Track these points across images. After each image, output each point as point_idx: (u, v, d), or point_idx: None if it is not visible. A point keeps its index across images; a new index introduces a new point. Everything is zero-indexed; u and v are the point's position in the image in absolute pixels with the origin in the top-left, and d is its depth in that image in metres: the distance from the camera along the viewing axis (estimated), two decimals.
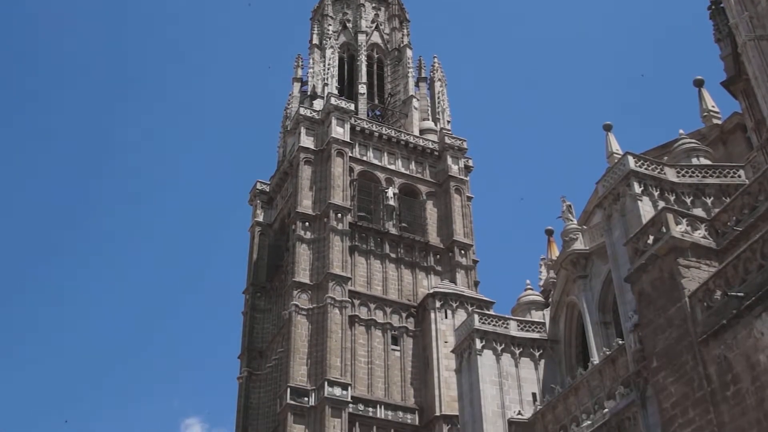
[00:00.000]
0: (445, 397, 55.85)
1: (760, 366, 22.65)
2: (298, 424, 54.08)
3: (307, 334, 57.64)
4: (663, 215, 28.64)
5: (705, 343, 24.61)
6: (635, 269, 28.81)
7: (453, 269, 63.91)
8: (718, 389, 23.81)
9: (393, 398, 57.70)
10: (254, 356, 65.37)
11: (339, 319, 57.75)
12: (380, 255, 63.47)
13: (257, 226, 71.79)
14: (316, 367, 56.10)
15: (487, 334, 46.66)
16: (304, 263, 60.65)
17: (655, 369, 26.78)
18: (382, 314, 60.71)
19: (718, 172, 38.08)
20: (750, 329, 23.16)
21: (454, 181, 68.53)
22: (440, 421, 55.21)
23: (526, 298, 52.49)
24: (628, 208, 36.48)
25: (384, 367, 58.74)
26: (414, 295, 62.52)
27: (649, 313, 27.54)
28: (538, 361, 47.13)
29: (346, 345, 57.20)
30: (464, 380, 46.71)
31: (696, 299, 25.64)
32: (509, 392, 45.33)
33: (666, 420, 25.64)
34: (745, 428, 22.55)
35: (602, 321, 44.20)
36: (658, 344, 26.65)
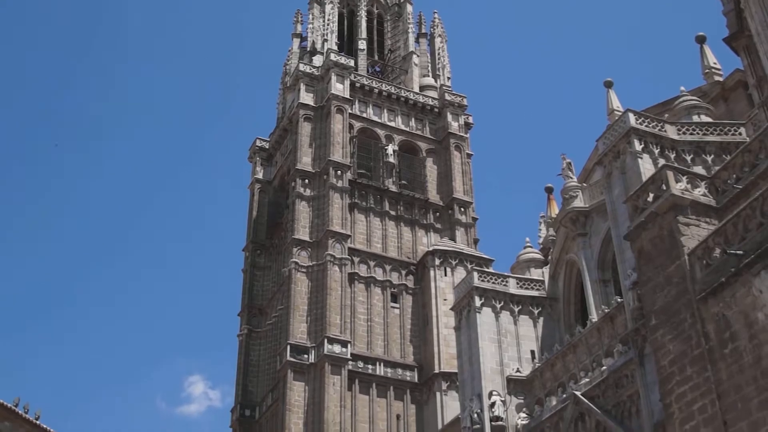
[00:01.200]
0: (444, 354, 56.09)
1: (758, 324, 22.63)
2: (298, 381, 54.38)
3: (306, 292, 57.75)
4: (663, 173, 28.47)
5: (703, 301, 24.58)
6: (635, 227, 28.71)
7: (452, 227, 63.89)
8: (716, 347, 23.82)
9: (392, 355, 57.95)
10: (254, 314, 65.60)
11: (338, 277, 57.82)
12: (380, 212, 63.41)
13: (257, 184, 71.68)
14: (316, 324, 56.29)
15: (487, 292, 46.73)
16: (303, 220, 60.61)
17: (653, 327, 26.77)
18: (381, 272, 60.79)
19: (718, 129, 37.88)
20: (749, 287, 23.11)
21: (454, 138, 68.27)
22: (439, 378, 55.51)
23: (525, 256, 52.51)
24: (628, 166, 36.34)
25: (383, 324, 58.94)
26: (413, 253, 62.55)
27: (648, 271, 27.49)
28: (537, 319, 47.26)
29: (346, 302, 57.35)
30: (463, 338, 46.87)
31: (695, 257, 25.57)
32: (508, 350, 45.51)
33: (664, 377, 25.70)
34: (743, 386, 22.58)
35: (601, 279, 44.27)
36: (657, 302, 26.62)
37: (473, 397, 44.27)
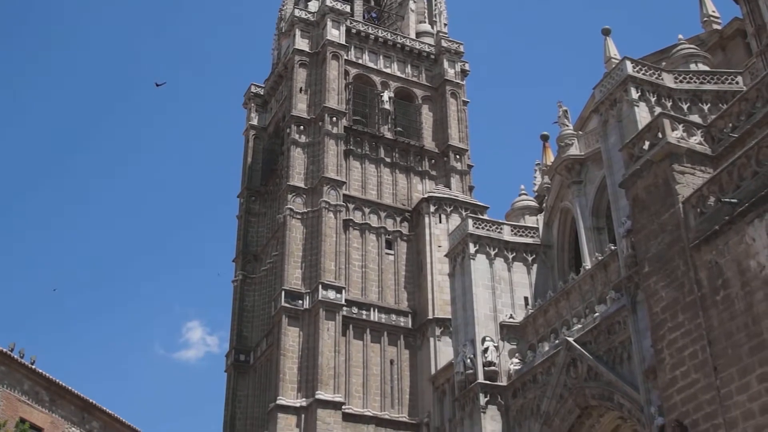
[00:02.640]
0: (438, 300, 56.42)
1: (751, 272, 22.83)
2: (293, 327, 54.71)
3: (301, 238, 57.87)
4: (659, 121, 28.49)
5: (697, 248, 24.75)
6: (630, 175, 28.80)
7: (448, 174, 63.87)
8: (708, 294, 24.04)
9: (386, 301, 58.28)
10: (249, 260, 65.78)
11: (333, 223, 57.91)
12: (375, 159, 63.32)
13: (252, 130, 71.40)
14: (311, 270, 56.49)
15: (481, 239, 46.98)
16: (298, 167, 60.52)
17: (646, 274, 26.98)
18: (376, 218, 60.89)
19: (715, 78, 37.84)
20: (742, 235, 23.27)
21: (450, 85, 67.93)
22: (433, 324, 55.89)
23: (520, 204, 52.71)
24: (624, 114, 36.34)
25: (378, 270, 59.18)
26: (408, 200, 62.61)
27: (643, 219, 27.63)
28: (531, 266, 47.58)
29: (341, 249, 57.50)
30: (457, 284, 47.20)
31: (689, 205, 25.70)
32: (501, 296, 45.88)
33: (656, 324, 25.97)
34: (733, 332, 22.85)
35: (595, 226, 44.50)
36: (651, 249, 26.80)
37: (466, 343, 44.72)
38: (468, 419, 43.24)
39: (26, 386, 36.73)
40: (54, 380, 38.22)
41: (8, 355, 35.98)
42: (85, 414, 40.05)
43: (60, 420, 38.19)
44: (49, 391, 37.94)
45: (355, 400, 54.09)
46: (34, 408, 36.84)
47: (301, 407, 52.08)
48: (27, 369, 36.75)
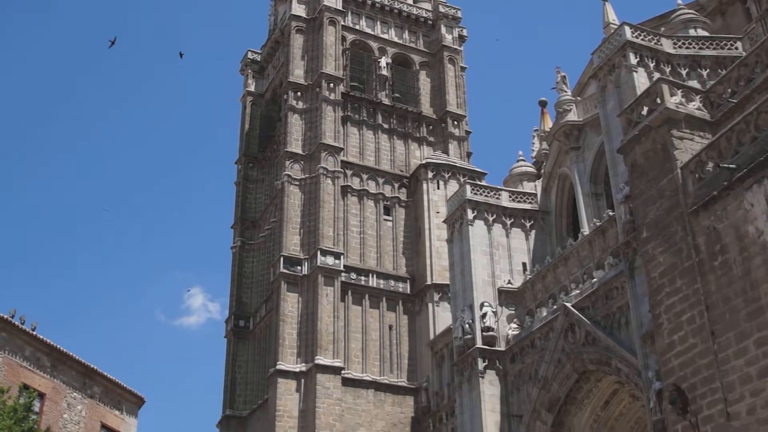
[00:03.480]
0: (436, 266, 56.65)
1: (749, 237, 22.95)
2: (292, 293, 54.96)
3: (299, 204, 57.95)
4: (658, 86, 28.47)
5: (695, 214, 24.85)
6: (628, 140, 28.83)
7: (446, 140, 63.84)
8: (706, 259, 24.17)
9: (385, 267, 58.51)
10: (247, 226, 65.88)
11: (331, 189, 57.98)
12: (373, 125, 63.26)
13: (249, 96, 71.20)
14: (309, 236, 56.64)
15: (479, 205, 47.06)
16: (296, 133, 60.47)
17: (644, 239, 27.10)
18: (374, 185, 60.94)
19: (715, 43, 37.73)
20: (740, 201, 23.36)
21: (448, 50, 67.68)
22: (431, 289, 56.17)
23: (518, 170, 52.72)
24: (623, 79, 36.29)
25: (376, 236, 59.34)
26: (406, 166, 62.63)
27: (641, 184, 27.70)
28: (529, 232, 47.70)
29: (339, 215, 57.61)
30: (455, 250, 47.33)
31: (688, 171, 25.76)
32: (500, 262, 46.03)
33: (653, 289, 26.12)
34: (731, 297, 23.00)
35: (593, 192, 44.57)
36: (649, 215, 26.89)
37: (465, 308, 44.94)
38: (466, 384, 43.57)
39: (27, 352, 36.90)
40: (55, 346, 38.41)
41: (9, 321, 36.12)
42: (86, 379, 40.29)
43: (61, 385, 38.44)
44: (50, 357, 38.14)
45: (355, 365, 54.49)
46: (36, 374, 37.05)
47: (300, 372, 52.48)
48: (28, 335, 36.91)
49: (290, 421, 51.34)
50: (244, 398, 59.90)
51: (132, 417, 43.55)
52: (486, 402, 42.18)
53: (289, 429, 51.17)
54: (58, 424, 36.51)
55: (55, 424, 36.15)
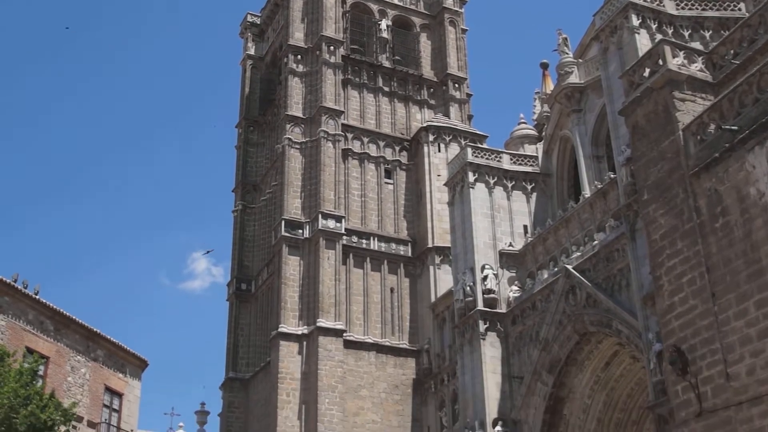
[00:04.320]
0: (437, 229, 56.72)
1: (750, 199, 22.95)
2: (293, 256, 55.10)
3: (300, 168, 57.91)
4: (660, 47, 28.32)
5: (696, 176, 24.83)
6: (630, 102, 28.74)
7: (446, 103, 63.61)
8: (707, 221, 24.20)
9: (386, 230, 58.59)
10: (248, 190, 65.88)
11: (332, 153, 57.90)
12: (373, 88, 63.01)
13: (248, 60, 70.82)
14: (310, 200, 56.66)
15: (480, 168, 47.07)
16: (296, 97, 60.26)
17: (645, 201, 27.11)
18: (375, 148, 60.84)
19: (718, 4, 37.51)
20: (742, 163, 23.33)
21: (449, 12, 67.19)
22: (432, 252, 56.29)
23: (519, 132, 52.67)
24: (625, 41, 36.13)
25: (377, 200, 59.36)
26: (407, 129, 62.49)
27: (642, 147, 27.66)
28: (530, 195, 47.75)
29: (340, 178, 57.58)
30: (457, 213, 47.41)
31: (689, 132, 25.71)
32: (501, 224, 46.12)
33: (654, 251, 26.18)
34: (732, 259, 23.07)
35: (595, 155, 44.55)
36: (650, 177, 26.88)
37: (466, 271, 45.11)
38: (468, 346, 43.85)
39: (31, 316, 37.08)
40: (58, 310, 38.60)
41: (12, 285, 36.24)
42: (89, 343, 40.54)
43: (65, 349, 38.68)
44: (53, 321, 38.34)
45: (356, 327, 54.76)
46: (40, 337, 37.26)
47: (302, 335, 52.77)
48: (31, 299, 37.07)
49: (292, 383, 51.72)
50: (246, 361, 60.29)
51: (135, 380, 43.90)
52: (487, 363, 42.50)
53: (291, 391, 51.56)
54: (62, 387, 36.79)
55: (59, 387, 36.42)
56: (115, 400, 42.00)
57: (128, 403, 42.91)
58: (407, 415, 53.46)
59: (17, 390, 28.41)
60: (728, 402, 22.34)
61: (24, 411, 28.06)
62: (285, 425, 50.71)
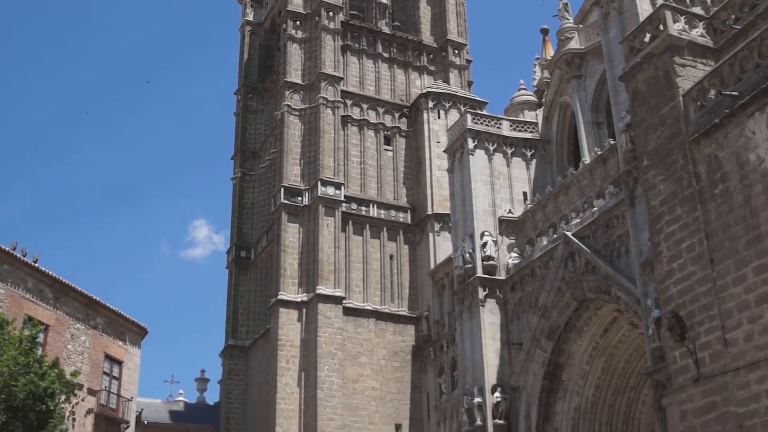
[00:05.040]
0: (437, 196, 56.63)
1: (749, 165, 22.84)
2: (292, 223, 55.05)
3: (299, 135, 57.70)
4: (661, 12, 28.06)
5: (696, 142, 24.71)
6: (630, 67, 28.54)
7: (446, 69, 63.25)
8: (706, 187, 24.11)
9: (385, 197, 58.49)
10: (247, 157, 65.71)
11: (331, 120, 57.66)
12: (373, 54, 62.62)
13: (247, 26, 70.31)
14: (309, 167, 56.52)
15: (480, 134, 46.88)
16: (295, 63, 59.90)
17: (645, 167, 27.00)
18: (374, 114, 60.58)
19: None
20: (742, 128, 23.20)
21: None
22: (432, 219, 56.23)
23: (519, 98, 52.41)
24: (625, 6, 35.84)
25: (377, 167, 59.20)
26: (407, 95, 62.19)
27: (642, 112, 27.50)
28: (530, 161, 47.60)
29: (339, 145, 57.39)
30: (456, 179, 47.29)
31: (690, 98, 25.54)
32: (500, 191, 46.03)
33: (653, 217, 26.11)
34: (731, 225, 22.99)
35: (595, 121, 44.37)
36: (650, 143, 26.75)
37: (465, 238, 45.08)
38: (467, 312, 43.92)
39: (30, 284, 37.04)
40: (58, 278, 38.57)
41: (11, 253, 36.17)
42: (89, 311, 40.56)
43: (65, 317, 38.71)
44: (53, 289, 38.31)
45: (356, 294, 54.83)
46: (39, 305, 37.25)
47: (302, 302, 52.85)
48: (30, 267, 37.02)
49: (292, 350, 51.89)
50: (246, 328, 60.48)
51: (135, 347, 44.00)
52: (486, 330, 42.59)
53: (290, 358, 51.73)
54: (62, 354, 36.83)
55: (59, 355, 36.45)
56: (115, 368, 42.11)
57: (128, 370, 43.05)
58: (406, 382, 53.68)
59: (17, 357, 28.42)
60: (726, 368, 22.38)
61: (23, 379, 28.09)
62: (285, 392, 50.94)
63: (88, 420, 39.27)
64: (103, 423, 40.22)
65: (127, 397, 42.32)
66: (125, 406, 41.97)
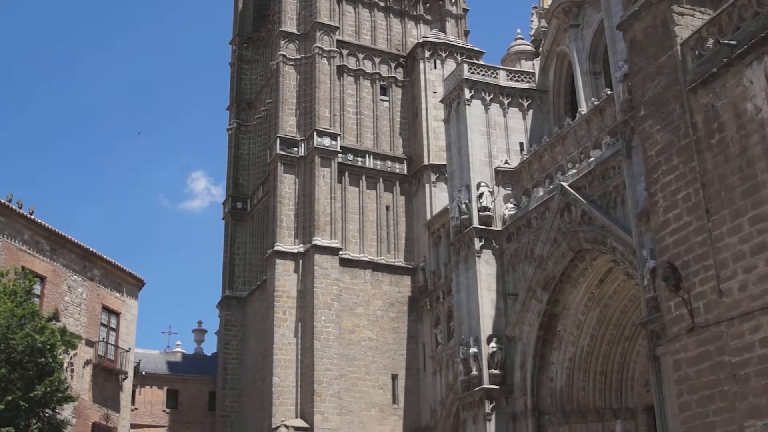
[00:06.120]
0: (433, 146, 56.48)
1: (747, 114, 22.70)
2: (288, 174, 54.95)
3: (295, 85, 57.35)
4: None
5: (693, 91, 24.53)
6: (628, 16, 28.22)
7: (443, 18, 62.69)
8: (703, 137, 23.98)
9: (382, 148, 58.32)
10: (243, 108, 65.36)
11: (327, 70, 57.26)
12: (369, 3, 61.98)
13: None
14: (305, 117, 56.26)
15: (476, 84, 46.61)
16: (291, 12, 59.32)
17: (642, 117, 26.83)
18: (370, 64, 60.16)
19: None
20: (740, 78, 23.01)
21: None
22: (428, 170, 56.14)
23: (516, 48, 52.06)
24: None
25: (373, 117, 58.94)
26: (403, 45, 61.72)
27: (640, 62, 27.26)
28: (526, 111, 47.38)
29: (335, 95, 57.07)
30: (452, 130, 47.12)
31: (688, 47, 25.30)
32: (497, 142, 45.89)
33: (650, 167, 26.01)
34: (727, 175, 22.91)
35: (592, 71, 44.13)
36: (647, 93, 26.56)
37: (462, 188, 45.04)
38: (463, 263, 44.02)
39: (26, 236, 37.01)
40: (54, 230, 38.53)
41: (6, 205, 36.08)
42: (86, 262, 40.60)
43: (61, 268, 38.75)
44: (49, 241, 38.30)
45: (352, 245, 54.92)
46: (36, 257, 37.27)
47: (298, 253, 52.95)
48: (26, 219, 36.95)
49: (289, 301, 52.10)
50: (243, 279, 60.65)
51: (132, 299, 44.14)
52: (482, 281, 42.73)
53: (287, 309, 51.97)
54: (59, 306, 36.90)
55: (57, 307, 36.55)
56: (112, 319, 42.29)
57: (126, 322, 43.23)
58: (402, 333, 54.02)
59: (14, 310, 28.46)
60: (720, 317, 22.44)
61: (21, 332, 28.15)
62: (282, 342, 51.26)
63: (86, 371, 39.53)
64: (101, 374, 40.49)
65: (125, 348, 42.55)
66: (123, 357, 42.22)
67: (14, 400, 27.46)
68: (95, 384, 40.09)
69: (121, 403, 42.36)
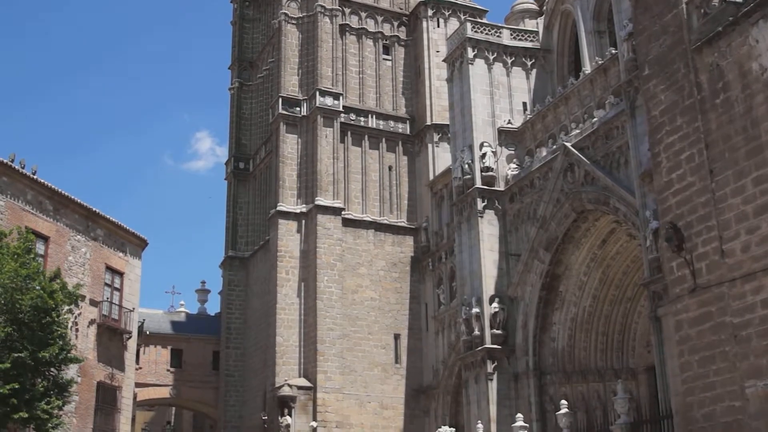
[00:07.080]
0: (436, 106, 56.22)
1: (752, 74, 22.51)
2: (291, 134, 54.78)
3: (297, 44, 56.97)
4: None
5: (698, 50, 24.31)
6: None
7: None
8: (707, 97, 23.82)
9: (384, 108, 58.05)
10: (245, 67, 64.95)
11: (329, 28, 56.83)
12: None
13: None
14: (308, 77, 55.94)
15: (480, 43, 46.27)
16: None
17: (646, 77, 26.64)
18: (373, 23, 59.68)
19: None
20: (745, 37, 22.79)
21: None
22: (431, 129, 55.94)
23: (519, 6, 51.60)
24: None
25: (375, 76, 58.60)
26: (405, 4, 61.17)
27: (645, 20, 27.00)
28: (530, 71, 47.08)
29: (337, 55, 56.70)
30: (455, 89, 46.87)
31: (693, 6, 25.05)
32: (500, 101, 45.66)
33: (654, 127, 25.87)
34: (732, 136, 22.78)
35: (596, 30, 43.77)
36: (651, 52, 26.34)
37: (464, 148, 44.91)
38: (466, 223, 44.01)
39: (29, 196, 36.93)
40: (57, 190, 38.45)
41: (9, 166, 35.95)
42: (89, 222, 40.58)
43: (65, 228, 38.73)
44: (52, 201, 38.23)
45: (354, 205, 54.90)
46: (39, 217, 37.23)
47: (301, 213, 52.95)
48: (29, 179, 36.85)
49: (291, 261, 52.20)
50: (246, 240, 60.70)
51: (136, 258, 44.17)
52: (485, 241, 42.76)
53: (290, 269, 52.08)
54: (63, 266, 36.91)
55: (61, 267, 36.59)
56: (116, 279, 42.32)
57: (129, 281, 43.30)
58: (405, 293, 54.17)
59: (17, 270, 28.49)
60: (722, 278, 22.44)
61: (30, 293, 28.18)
62: (284, 302, 51.45)
63: (90, 330, 39.68)
64: (105, 333, 40.65)
65: (129, 308, 42.67)
66: (127, 316, 42.34)
67: (20, 358, 27.58)
68: (100, 343, 40.27)
69: (125, 363, 42.57)
